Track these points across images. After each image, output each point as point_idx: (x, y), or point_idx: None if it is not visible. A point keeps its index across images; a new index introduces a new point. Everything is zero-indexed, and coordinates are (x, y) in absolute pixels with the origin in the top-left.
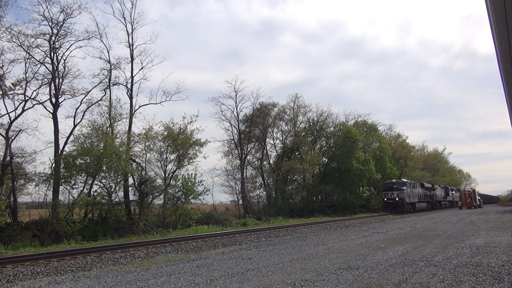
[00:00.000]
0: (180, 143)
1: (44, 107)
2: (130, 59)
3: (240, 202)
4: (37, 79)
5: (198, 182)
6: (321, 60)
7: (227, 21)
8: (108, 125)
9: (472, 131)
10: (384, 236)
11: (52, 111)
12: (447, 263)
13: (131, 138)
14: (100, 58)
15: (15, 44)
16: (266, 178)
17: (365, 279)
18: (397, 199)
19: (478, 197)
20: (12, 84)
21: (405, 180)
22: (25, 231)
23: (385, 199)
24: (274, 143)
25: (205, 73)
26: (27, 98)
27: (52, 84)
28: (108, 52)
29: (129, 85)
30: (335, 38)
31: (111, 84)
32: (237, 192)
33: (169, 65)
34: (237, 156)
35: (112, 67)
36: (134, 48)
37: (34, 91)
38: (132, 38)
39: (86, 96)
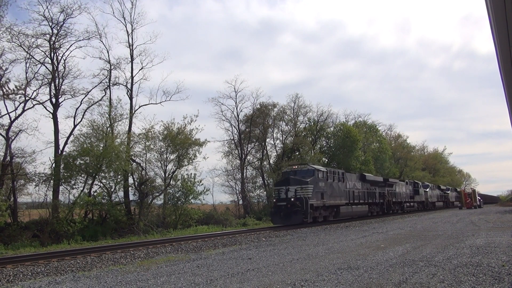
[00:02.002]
0: (179, 143)
1: (44, 107)
2: (130, 59)
3: (240, 202)
4: (37, 79)
5: (198, 181)
6: (320, 60)
7: (226, 21)
8: (108, 125)
9: (472, 131)
10: (384, 236)
11: (52, 111)
12: (447, 263)
13: (131, 138)
14: (100, 58)
15: (15, 44)
16: (266, 178)
17: (365, 279)
18: (292, 199)
19: (478, 197)
20: (16, 87)
21: (316, 166)
22: (25, 231)
23: (274, 200)
24: (274, 143)
25: (205, 73)
26: (27, 98)
27: (52, 84)
28: (108, 52)
29: (129, 85)
30: (334, 38)
31: (111, 84)
32: (237, 192)
33: (169, 65)
34: (237, 156)
35: (112, 67)
36: (134, 48)
37: (34, 91)
38: (132, 38)
39: (86, 96)
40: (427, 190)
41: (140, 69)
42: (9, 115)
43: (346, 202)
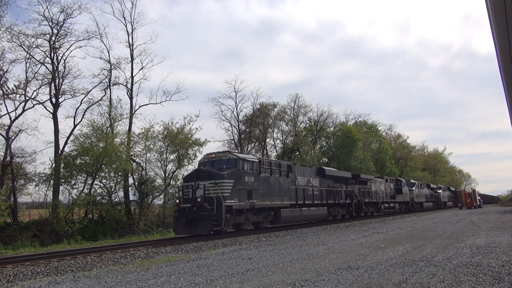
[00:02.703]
0: (179, 142)
1: (44, 107)
2: (130, 59)
3: None
4: (37, 79)
5: None
6: (320, 60)
7: (226, 21)
8: (108, 125)
9: (472, 131)
10: (384, 236)
11: (52, 111)
12: (447, 263)
13: (131, 138)
14: (100, 58)
15: (16, 44)
16: None
17: (365, 279)
18: (198, 199)
19: (478, 197)
20: (15, 86)
21: (242, 155)
22: (25, 231)
23: (177, 201)
24: (274, 143)
25: (205, 73)
26: (27, 98)
27: (52, 84)
28: (108, 52)
29: (129, 85)
30: (334, 38)
31: (111, 84)
32: None
33: (169, 65)
34: None
35: (112, 67)
36: (134, 48)
37: (34, 91)
38: (132, 38)
39: (86, 96)
40: (413, 188)
41: (140, 69)
42: (9, 115)
43: (292, 203)
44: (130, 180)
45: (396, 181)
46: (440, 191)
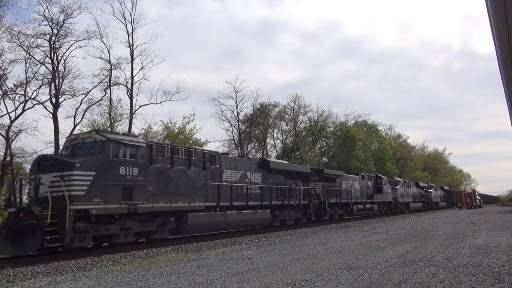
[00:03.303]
0: (180, 143)
1: (44, 107)
2: (130, 59)
3: None
4: (37, 79)
5: None
6: (320, 60)
7: (226, 21)
8: (108, 125)
9: (472, 131)
10: (384, 236)
11: (52, 111)
12: (447, 263)
13: None
14: (101, 58)
15: (15, 44)
16: None
17: (365, 279)
18: (26, 201)
19: (478, 197)
20: (14, 85)
21: (114, 135)
22: None
23: (4, 203)
24: (275, 143)
25: (205, 73)
26: (27, 98)
27: (52, 84)
28: (108, 52)
29: (129, 85)
30: (334, 38)
31: (111, 84)
32: None
33: (169, 65)
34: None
35: (112, 67)
36: (134, 48)
37: (34, 91)
38: (132, 38)
39: (86, 96)
40: (397, 187)
41: (140, 69)
42: (9, 115)
43: (210, 205)
44: None
45: (376, 178)
46: (431, 190)
